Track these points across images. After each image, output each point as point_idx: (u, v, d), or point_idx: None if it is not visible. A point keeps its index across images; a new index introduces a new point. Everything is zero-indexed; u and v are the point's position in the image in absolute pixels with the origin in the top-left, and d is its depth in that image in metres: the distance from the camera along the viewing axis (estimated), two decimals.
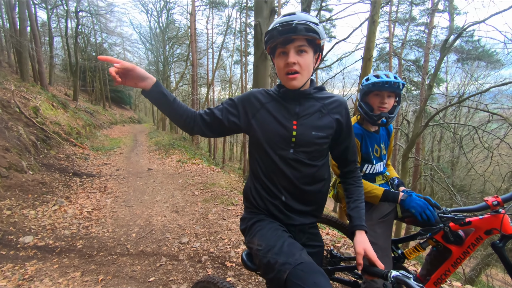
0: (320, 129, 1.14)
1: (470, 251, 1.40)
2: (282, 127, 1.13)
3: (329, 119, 1.16)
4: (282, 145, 1.13)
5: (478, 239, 1.37)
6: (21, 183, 4.75)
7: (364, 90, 1.66)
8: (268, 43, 1.11)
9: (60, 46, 24.35)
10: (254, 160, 1.22)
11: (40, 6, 16.70)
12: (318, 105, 1.16)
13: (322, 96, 1.19)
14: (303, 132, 1.12)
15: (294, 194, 1.16)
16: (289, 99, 1.16)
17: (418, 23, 16.16)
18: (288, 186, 1.15)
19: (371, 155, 1.67)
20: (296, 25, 1.01)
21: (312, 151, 1.14)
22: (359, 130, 1.67)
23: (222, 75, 24.63)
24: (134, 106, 39.63)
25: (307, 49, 1.07)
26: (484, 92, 7.05)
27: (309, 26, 1.03)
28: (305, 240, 1.21)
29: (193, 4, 15.31)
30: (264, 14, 5.32)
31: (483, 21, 6.12)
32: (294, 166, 1.13)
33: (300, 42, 1.05)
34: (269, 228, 1.12)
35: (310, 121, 1.14)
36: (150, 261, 2.93)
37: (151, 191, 5.56)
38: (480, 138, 7.46)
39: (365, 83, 1.64)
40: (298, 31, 1.02)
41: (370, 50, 5.27)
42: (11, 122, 6.38)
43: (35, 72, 13.76)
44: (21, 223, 3.73)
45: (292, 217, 1.17)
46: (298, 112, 1.14)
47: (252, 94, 1.21)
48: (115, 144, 12.22)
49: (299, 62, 1.07)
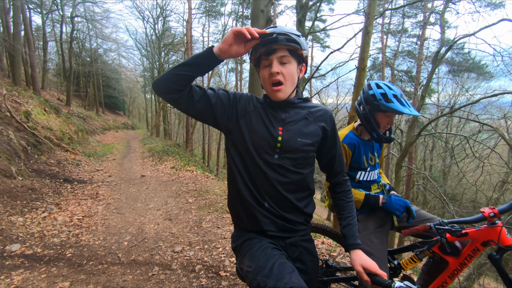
0: (306, 136, 1.14)
1: (467, 262, 1.40)
2: (268, 132, 1.13)
3: (315, 126, 1.17)
4: (267, 149, 1.12)
5: (475, 251, 1.36)
6: (10, 189, 4.63)
7: (379, 108, 1.56)
8: (252, 54, 1.12)
9: (54, 51, 24.17)
10: (236, 165, 1.17)
11: (35, 10, 16.62)
12: (303, 112, 1.18)
13: (307, 105, 1.21)
14: (288, 138, 1.12)
15: (277, 201, 1.14)
16: (275, 107, 1.18)
17: (410, 35, 16.59)
18: (271, 191, 1.13)
19: (365, 163, 1.68)
20: (277, 35, 1.04)
21: (298, 158, 1.14)
22: (353, 140, 1.67)
23: (217, 83, 24.66)
24: (128, 112, 39.39)
25: (289, 59, 1.09)
26: (475, 103, 7.21)
27: (290, 36, 1.05)
28: (298, 255, 1.17)
29: (189, 12, 15.43)
30: (260, 23, 5.38)
31: (473, 34, 6.31)
32: (278, 171, 1.12)
33: (282, 53, 1.07)
34: (258, 248, 1.09)
35: (296, 128, 1.14)
36: (142, 270, 2.85)
37: (144, 198, 5.47)
38: (471, 148, 7.59)
39: (385, 103, 1.54)
40: (279, 41, 1.04)
41: (364, 60, 5.36)
42: (1, 127, 6.26)
43: (28, 76, 13.60)
44: (8, 231, 3.62)
45: (278, 222, 1.14)
46: (284, 118, 1.15)
47: (247, 95, 1.22)
48: (107, 150, 12.06)
49: (282, 72, 1.08)
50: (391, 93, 1.53)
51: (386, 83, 1.59)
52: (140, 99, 39.93)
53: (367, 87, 1.64)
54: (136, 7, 20.60)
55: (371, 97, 1.58)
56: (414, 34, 16.24)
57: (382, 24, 15.48)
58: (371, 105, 1.59)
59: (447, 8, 8.48)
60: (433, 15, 11.83)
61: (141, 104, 41.44)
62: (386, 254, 1.60)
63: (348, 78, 35.77)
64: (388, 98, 1.53)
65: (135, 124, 35.63)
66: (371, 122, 1.61)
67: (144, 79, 29.32)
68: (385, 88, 1.56)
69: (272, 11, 14.78)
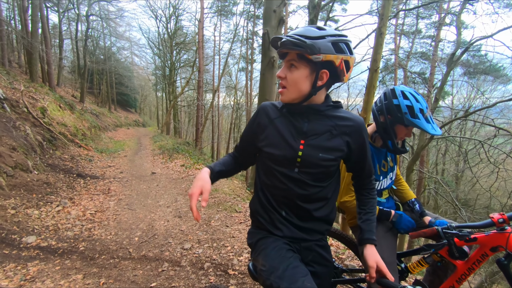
0: (328, 151, 1.08)
1: (475, 267, 1.40)
2: (288, 146, 1.10)
3: (340, 141, 1.09)
4: (287, 164, 1.10)
5: (484, 256, 1.36)
6: (26, 182, 4.78)
7: (403, 121, 1.45)
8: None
9: (70, 49, 24.73)
10: (259, 172, 1.22)
11: (52, 9, 17.04)
12: (329, 123, 1.10)
13: (336, 114, 1.11)
14: (309, 153, 1.08)
15: (293, 210, 1.14)
16: (296, 115, 1.12)
17: (424, 36, 16.25)
18: (288, 202, 1.13)
19: (378, 171, 1.63)
20: (287, 38, 1.03)
21: (317, 173, 1.10)
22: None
23: (227, 82, 24.81)
24: (139, 109, 40.00)
25: (297, 64, 1.05)
26: (491, 106, 7.01)
27: (294, 40, 1.00)
28: (311, 258, 1.16)
29: (201, 12, 15.54)
30: (272, 23, 5.39)
31: (491, 36, 6.14)
32: (297, 184, 1.10)
33: (290, 57, 1.06)
34: (273, 248, 1.09)
35: (318, 142, 1.08)
36: (152, 266, 2.91)
37: (154, 195, 5.55)
38: (486, 153, 7.38)
39: (410, 118, 1.43)
40: (284, 45, 1.05)
41: (377, 61, 5.27)
42: (19, 122, 6.46)
43: (44, 73, 13.97)
44: (25, 223, 3.74)
45: (295, 231, 1.14)
46: (306, 131, 1.10)
47: (262, 108, 1.21)
48: (119, 146, 12.29)
49: (286, 76, 1.07)
50: (418, 107, 1.42)
51: (412, 92, 1.46)
52: (152, 97, 40.49)
53: (391, 94, 1.50)
54: (150, 6, 20.97)
55: (395, 107, 1.45)
56: (428, 35, 15.93)
57: (396, 25, 15.23)
58: (394, 116, 1.47)
59: (464, 9, 8.28)
60: (449, 16, 11.57)
61: (152, 102, 42.03)
62: (395, 258, 1.59)
63: (359, 79, 35.33)
64: (414, 112, 1.42)
65: (146, 122, 36.17)
66: (390, 133, 1.51)
67: (155, 77, 29.73)
68: (412, 99, 1.44)
69: (284, 11, 14.74)
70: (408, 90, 1.48)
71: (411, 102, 1.43)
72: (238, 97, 23.36)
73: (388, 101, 1.48)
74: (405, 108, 1.43)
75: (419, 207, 1.73)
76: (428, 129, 1.41)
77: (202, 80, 16.52)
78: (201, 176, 1.11)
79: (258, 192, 1.22)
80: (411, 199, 1.79)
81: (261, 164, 1.20)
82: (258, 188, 1.22)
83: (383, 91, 1.57)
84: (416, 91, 1.47)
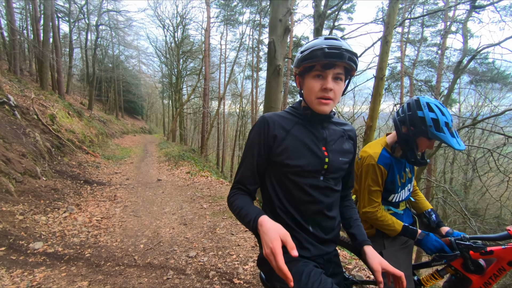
0: (345, 154, 1.15)
1: (492, 282, 1.34)
2: (314, 155, 1.08)
3: (350, 144, 1.19)
4: (313, 173, 1.08)
5: (501, 270, 1.31)
6: (34, 188, 4.84)
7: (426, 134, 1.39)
8: (306, 61, 1.03)
9: (79, 57, 25.35)
10: (275, 191, 1.12)
11: (63, 19, 17.56)
12: (339, 129, 1.18)
13: (337, 121, 1.21)
14: (333, 158, 1.10)
15: (321, 223, 1.11)
16: (313, 123, 1.13)
17: (429, 44, 16.25)
18: (316, 215, 1.10)
19: (399, 182, 1.58)
20: (343, 51, 0.98)
21: (338, 177, 1.15)
22: (388, 159, 1.53)
23: (233, 90, 25.02)
24: (146, 116, 40.47)
25: (343, 77, 1.04)
26: (500, 115, 6.91)
27: (353, 56, 1.00)
28: (332, 271, 1.15)
29: (208, 21, 15.81)
30: (278, 32, 5.44)
31: (498, 43, 6.11)
32: (324, 193, 1.10)
33: (340, 70, 1.02)
34: (307, 275, 0.98)
35: (337, 147, 1.14)
36: (157, 273, 2.90)
37: (160, 202, 5.57)
38: (495, 161, 7.26)
39: (434, 131, 1.36)
40: (343, 58, 0.98)
41: (383, 69, 5.30)
42: (29, 129, 6.58)
43: (54, 81, 14.29)
44: (32, 229, 3.77)
45: (320, 247, 1.11)
46: (326, 137, 1.12)
47: (271, 120, 1.11)
48: (125, 153, 12.40)
49: (334, 89, 1.02)
50: (443, 120, 1.35)
51: (438, 105, 1.39)
52: (158, 104, 40.99)
53: (415, 105, 1.43)
54: (157, 15, 21.30)
55: (419, 119, 1.39)
56: (434, 43, 15.93)
57: (402, 33, 15.28)
58: (417, 128, 1.41)
59: (470, 17, 8.28)
60: (455, 24, 11.56)
61: (158, 109, 42.52)
62: (411, 272, 1.56)
63: (365, 87, 35.27)
64: (439, 126, 1.35)
65: (152, 129, 36.50)
66: (411, 145, 1.47)
67: (162, 85, 30.16)
68: (437, 112, 1.37)
69: (290, 20, 14.92)
70: (433, 102, 1.40)
71: (436, 115, 1.36)
72: (244, 105, 23.50)
73: (412, 113, 1.42)
74: (430, 121, 1.36)
75: (435, 217, 1.69)
76: (453, 144, 1.34)
77: (208, 87, 16.70)
78: (269, 227, 0.88)
79: (277, 213, 1.11)
80: (428, 209, 1.74)
81: (277, 180, 1.12)
82: (276, 208, 1.12)
83: (407, 102, 1.50)
84: (441, 103, 1.41)
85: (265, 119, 1.11)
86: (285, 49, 5.80)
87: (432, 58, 15.61)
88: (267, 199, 1.17)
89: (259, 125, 1.11)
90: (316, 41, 1.04)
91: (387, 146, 1.58)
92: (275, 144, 1.08)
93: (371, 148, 1.57)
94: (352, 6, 18.53)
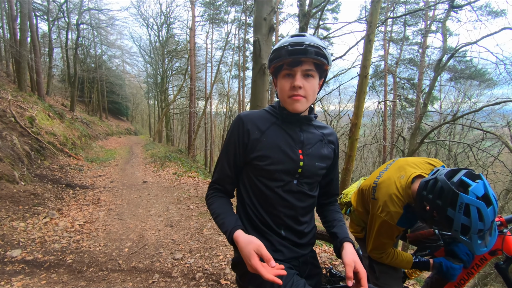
0: (322, 159, 1.10)
1: (474, 271, 1.39)
2: (288, 157, 1.04)
3: (329, 149, 1.14)
4: (286, 176, 1.04)
5: (482, 260, 1.35)
6: (12, 194, 4.64)
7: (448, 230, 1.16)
8: (274, 62, 1.02)
9: (60, 57, 24.52)
10: (246, 191, 1.10)
11: (42, 18, 16.91)
12: (318, 133, 1.12)
13: (318, 124, 1.16)
14: (308, 162, 1.06)
15: (293, 228, 1.08)
16: (290, 124, 1.09)
17: (411, 43, 16.67)
18: (288, 219, 1.07)
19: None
20: (306, 47, 0.94)
21: (313, 182, 1.11)
22: (407, 219, 1.34)
23: (220, 89, 24.83)
24: (131, 117, 39.66)
25: (314, 73, 1.00)
26: (478, 110, 7.18)
27: (320, 50, 0.97)
28: (308, 272, 1.14)
29: (193, 20, 15.64)
30: (263, 31, 5.43)
31: (475, 42, 6.32)
32: (297, 197, 1.07)
33: (308, 66, 0.98)
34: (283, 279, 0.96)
35: (314, 151, 1.08)
36: (142, 277, 2.83)
37: (146, 204, 5.46)
38: (474, 156, 7.53)
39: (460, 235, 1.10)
40: (308, 53, 0.95)
41: (366, 68, 5.39)
42: (6, 132, 6.31)
43: (33, 82, 13.76)
44: (10, 236, 3.62)
45: (294, 249, 1.10)
46: (303, 140, 1.08)
47: (247, 119, 1.07)
48: (110, 155, 12.10)
49: (304, 86, 0.99)
50: (476, 228, 1.05)
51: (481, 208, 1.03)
52: (143, 105, 40.24)
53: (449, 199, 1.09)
54: (141, 14, 20.89)
55: (445, 218, 1.11)
56: (416, 42, 16.34)
57: (384, 32, 15.59)
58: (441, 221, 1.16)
59: (449, 17, 8.52)
60: (434, 23, 11.90)
61: (144, 110, 41.76)
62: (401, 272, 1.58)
63: (349, 85, 35.84)
64: (468, 233, 1.07)
65: (138, 130, 35.83)
66: (428, 220, 1.25)
67: (147, 85, 29.61)
68: (474, 219, 1.04)
69: (275, 19, 14.96)
70: (476, 203, 1.03)
71: (470, 223, 1.05)
72: (231, 104, 23.39)
73: (443, 204, 1.11)
74: (458, 226, 1.08)
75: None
76: (475, 250, 1.09)
77: (194, 87, 16.53)
78: (242, 245, 0.90)
79: (248, 213, 1.09)
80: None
81: (248, 181, 1.10)
82: (247, 208, 1.09)
83: (441, 184, 1.12)
84: (494, 196, 1.07)
85: (240, 118, 1.08)
86: (270, 48, 5.79)
87: (414, 57, 16.01)
88: (240, 200, 1.15)
89: (234, 125, 1.09)
90: (282, 40, 1.04)
91: (411, 199, 1.31)
92: (249, 144, 1.05)
93: (393, 202, 1.31)
94: (337, 6, 18.74)
